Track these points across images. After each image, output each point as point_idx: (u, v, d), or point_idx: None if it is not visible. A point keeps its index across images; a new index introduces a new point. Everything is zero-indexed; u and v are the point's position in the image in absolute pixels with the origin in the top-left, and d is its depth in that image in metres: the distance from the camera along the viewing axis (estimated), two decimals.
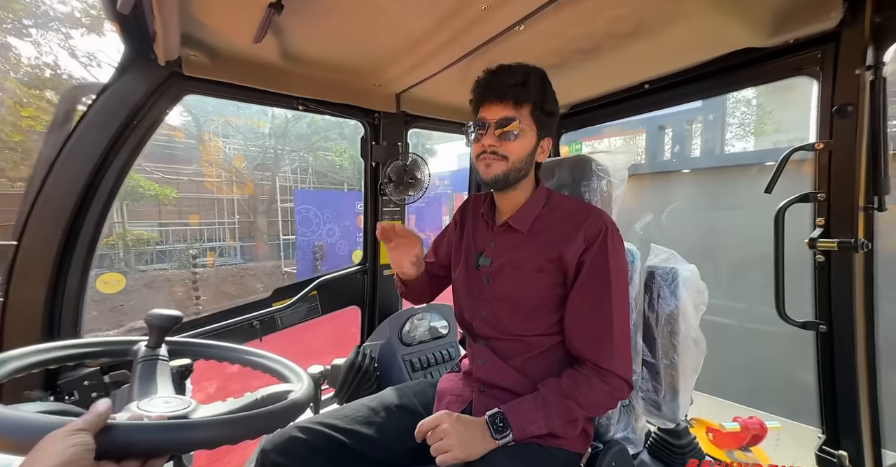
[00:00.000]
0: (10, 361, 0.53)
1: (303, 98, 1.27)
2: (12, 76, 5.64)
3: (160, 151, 10.79)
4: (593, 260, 0.76)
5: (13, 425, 0.40)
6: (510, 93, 0.75)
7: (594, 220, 0.78)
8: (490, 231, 0.89)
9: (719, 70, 1.06)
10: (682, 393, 0.85)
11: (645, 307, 0.89)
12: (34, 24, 6.51)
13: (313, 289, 1.55)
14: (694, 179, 4.86)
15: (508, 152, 0.77)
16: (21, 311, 0.91)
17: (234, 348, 0.76)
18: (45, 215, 0.92)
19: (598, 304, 0.75)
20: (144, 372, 0.62)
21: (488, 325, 0.85)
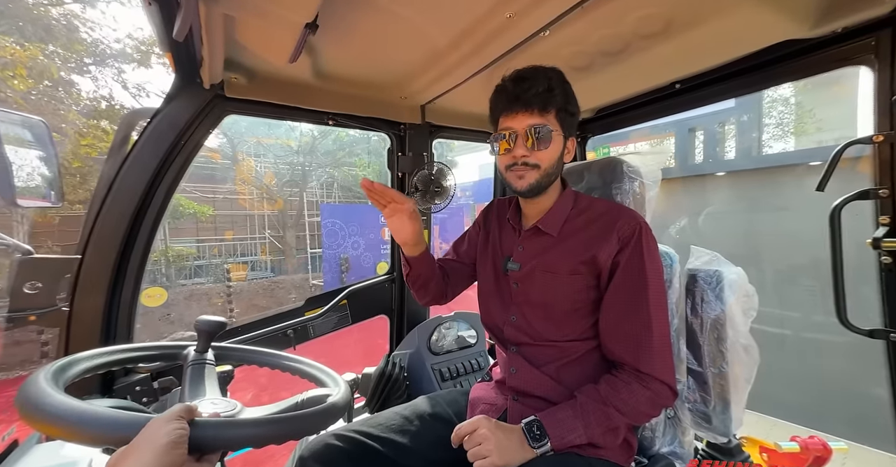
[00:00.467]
0: (81, 362, 0.57)
1: (332, 113, 1.33)
2: (73, 109, 6.24)
3: (198, 171, 11.50)
4: (628, 260, 0.74)
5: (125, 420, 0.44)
6: (536, 100, 0.75)
7: (627, 220, 0.76)
8: (517, 235, 0.89)
9: (757, 65, 1.01)
10: (734, 404, 0.79)
11: (687, 312, 0.85)
12: (93, 62, 7.20)
13: (343, 299, 1.59)
14: (730, 182, 4.63)
15: (540, 160, 0.77)
16: (83, 319, 0.98)
17: (274, 354, 0.79)
18: (104, 232, 1.00)
19: (636, 305, 0.72)
20: (194, 375, 0.65)
21: (519, 330, 0.84)
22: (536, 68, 0.77)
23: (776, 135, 6.46)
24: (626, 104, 1.36)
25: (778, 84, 1.10)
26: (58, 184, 1.01)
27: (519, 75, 0.77)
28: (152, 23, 0.74)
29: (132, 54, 7.84)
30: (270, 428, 0.49)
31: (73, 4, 6.99)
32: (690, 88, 1.17)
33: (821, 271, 0.82)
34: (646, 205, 0.93)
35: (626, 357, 0.72)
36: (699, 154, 5.16)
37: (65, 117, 5.86)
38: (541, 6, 0.79)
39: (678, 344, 0.82)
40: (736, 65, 1.04)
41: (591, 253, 0.76)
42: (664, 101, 1.27)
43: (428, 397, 0.97)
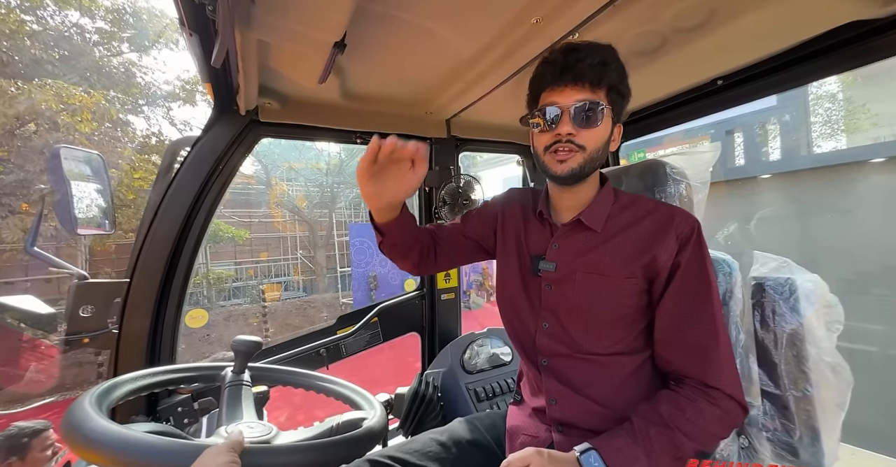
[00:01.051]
0: (125, 384, 0.58)
1: (359, 132, 1.36)
2: (129, 146, 6.87)
3: (236, 197, 12.22)
4: (689, 261, 0.66)
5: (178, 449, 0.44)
6: (590, 73, 0.65)
7: (684, 217, 0.69)
8: (549, 231, 0.79)
9: (811, 53, 0.91)
10: (825, 434, 0.67)
11: (756, 326, 0.75)
12: (146, 102, 7.96)
13: (374, 316, 1.57)
14: (777, 184, 4.32)
15: (587, 141, 0.67)
16: (131, 341, 1.02)
17: (310, 375, 0.77)
18: (150, 256, 1.05)
19: (700, 311, 0.64)
20: (231, 398, 0.64)
21: (553, 339, 0.75)
22: (590, 42, 0.68)
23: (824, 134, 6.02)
24: (662, 105, 1.29)
25: (837, 73, 1.00)
26: (111, 213, 1.08)
27: (571, 46, 0.67)
28: (193, 54, 0.79)
29: (179, 93, 8.60)
30: (312, 454, 0.47)
31: (131, 53, 7.82)
32: (734, 84, 1.08)
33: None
34: (694, 208, 0.86)
35: (691, 369, 0.63)
36: (739, 156, 4.88)
37: (121, 154, 6.46)
38: (570, 8, 0.76)
39: (747, 362, 0.72)
40: (789, 54, 0.94)
41: (650, 253, 0.67)
42: (704, 100, 1.18)
43: (465, 421, 0.91)
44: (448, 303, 1.68)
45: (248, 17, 0.63)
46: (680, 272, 0.66)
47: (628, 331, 0.70)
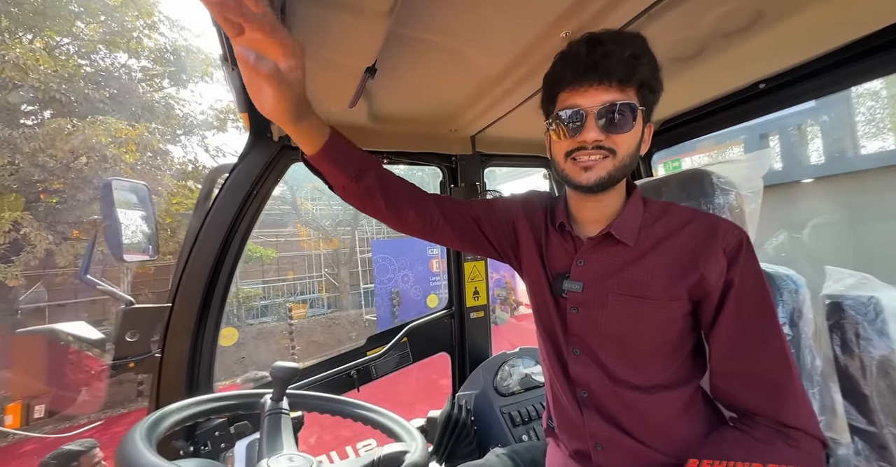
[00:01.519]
0: (172, 415, 0.58)
1: (386, 152, 1.38)
2: (168, 173, 7.34)
3: (263, 218, 12.69)
4: (744, 278, 0.58)
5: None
6: (619, 69, 0.56)
7: (729, 228, 0.61)
8: (572, 245, 0.69)
9: (860, 54, 0.85)
10: None
11: (835, 350, 0.67)
12: (183, 132, 8.52)
13: (404, 336, 1.55)
14: (823, 188, 4.05)
15: (617, 145, 0.59)
16: (172, 364, 1.04)
17: (348, 402, 0.75)
18: (190, 280, 1.08)
19: (765, 336, 0.56)
20: (271, 427, 0.63)
21: (587, 369, 0.66)
22: (616, 32, 0.59)
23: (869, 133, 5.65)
24: (699, 112, 1.23)
25: (887, 74, 0.92)
26: (154, 239, 1.12)
27: (594, 37, 0.58)
28: (232, 86, 0.82)
29: (212, 122, 9.17)
30: None
31: (170, 88, 8.45)
32: (778, 87, 1.02)
33: None
34: (746, 220, 0.80)
35: (762, 405, 0.55)
36: (776, 160, 4.64)
37: (161, 181, 6.89)
38: (601, 21, 0.73)
39: (828, 392, 0.64)
40: (837, 54, 0.87)
41: (697, 271, 0.59)
42: (745, 105, 1.11)
43: (504, 454, 0.85)
44: (477, 321, 1.64)
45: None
46: (734, 291, 0.58)
47: (671, 359, 0.63)
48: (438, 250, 10.00)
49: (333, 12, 0.59)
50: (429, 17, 0.71)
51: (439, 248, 10.20)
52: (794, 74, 0.97)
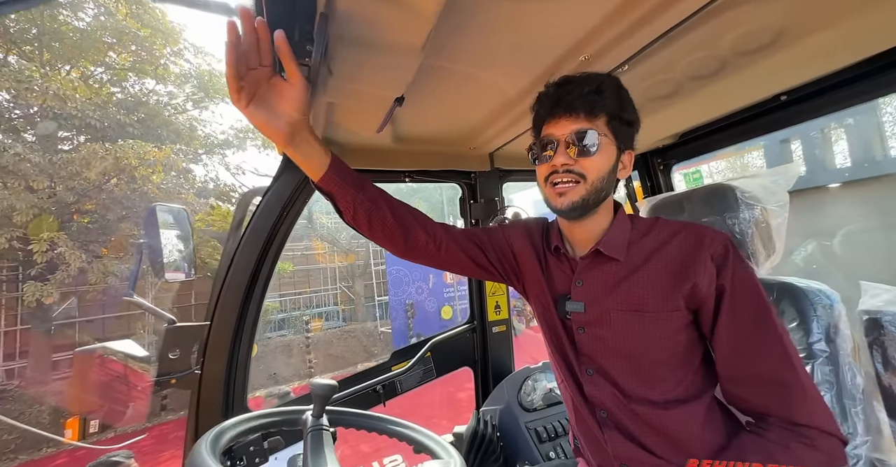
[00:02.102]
0: (229, 430, 0.62)
1: (408, 171, 1.43)
2: (190, 192, 7.65)
3: None
4: (735, 282, 0.60)
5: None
6: (581, 104, 0.64)
7: (714, 236, 0.64)
8: (569, 267, 0.73)
9: (883, 66, 0.85)
10: None
11: (877, 368, 0.66)
12: (204, 151, 8.89)
13: (427, 351, 1.56)
14: (852, 193, 3.91)
15: (586, 170, 0.64)
16: (211, 381, 1.08)
17: (385, 419, 0.77)
18: (227, 299, 1.13)
19: (764, 335, 0.57)
20: (314, 444, 0.66)
21: (601, 389, 0.67)
22: (587, 73, 0.69)
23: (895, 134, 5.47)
24: (719, 124, 1.22)
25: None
26: (192, 260, 1.19)
27: (565, 79, 0.68)
28: None
29: (232, 141, 9.55)
30: None
31: (193, 110, 8.86)
32: (800, 99, 1.01)
33: None
34: (773, 233, 0.80)
35: (773, 406, 0.56)
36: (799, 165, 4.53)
37: (185, 200, 7.17)
38: (619, 44, 0.76)
39: (872, 410, 0.63)
40: (859, 67, 0.87)
41: (689, 280, 0.62)
42: (765, 117, 1.11)
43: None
44: (500, 335, 1.65)
45: (325, 85, 0.71)
46: (727, 297, 0.60)
47: (683, 371, 0.64)
48: None
49: (371, 52, 0.64)
50: (454, 47, 0.76)
51: None
52: (815, 87, 0.97)
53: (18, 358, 7.37)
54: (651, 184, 1.49)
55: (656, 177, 1.47)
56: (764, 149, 4.60)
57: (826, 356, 0.66)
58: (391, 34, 0.58)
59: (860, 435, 0.62)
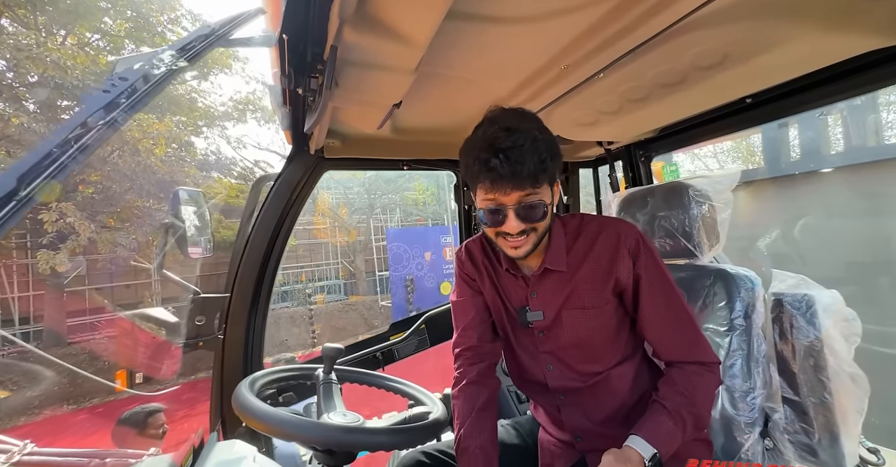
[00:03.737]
0: (260, 379, 0.78)
1: (406, 160, 1.53)
2: (192, 164, 7.70)
3: None
4: (647, 269, 0.75)
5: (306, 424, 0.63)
6: (527, 178, 0.65)
7: (627, 232, 0.76)
8: (522, 282, 0.81)
9: (844, 73, 0.94)
10: (844, 438, 0.73)
11: (776, 338, 0.82)
12: (204, 124, 8.83)
13: (422, 324, 1.74)
14: (842, 179, 3.98)
15: (536, 226, 0.70)
16: (232, 344, 1.25)
17: (383, 376, 0.94)
18: (244, 274, 1.28)
19: (674, 308, 0.75)
20: (325, 392, 0.82)
21: (563, 378, 0.80)
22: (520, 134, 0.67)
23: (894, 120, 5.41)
24: (693, 122, 1.32)
25: (871, 91, 1.01)
26: (210, 238, 1.32)
27: (506, 145, 0.65)
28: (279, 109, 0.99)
29: (232, 113, 9.45)
30: (399, 436, 0.63)
31: (193, 81, 8.71)
32: (764, 102, 1.12)
33: None
34: (718, 227, 0.93)
35: (686, 356, 0.74)
36: (795, 149, 4.55)
37: (188, 173, 7.23)
38: (595, 56, 0.86)
39: (769, 371, 0.79)
40: (817, 75, 0.96)
41: (613, 276, 0.75)
42: (735, 116, 1.21)
43: (509, 425, 1.01)
44: None
45: (332, 94, 0.81)
46: (644, 281, 0.75)
47: (619, 343, 0.79)
48: (451, 239, 10.18)
49: (371, 72, 0.74)
50: (449, 58, 0.85)
51: (452, 236, 10.37)
52: (779, 90, 1.06)
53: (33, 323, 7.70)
54: (633, 174, 1.59)
55: (638, 169, 1.58)
56: (762, 132, 4.64)
57: (742, 329, 0.82)
58: (389, 60, 0.69)
59: (758, 388, 0.79)
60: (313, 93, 0.75)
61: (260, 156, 14.96)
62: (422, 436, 0.67)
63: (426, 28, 0.61)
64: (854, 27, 0.75)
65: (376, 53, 0.67)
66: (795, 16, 0.70)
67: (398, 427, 0.65)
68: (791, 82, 1.02)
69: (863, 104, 4.25)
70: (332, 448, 0.62)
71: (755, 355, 0.79)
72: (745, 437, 0.79)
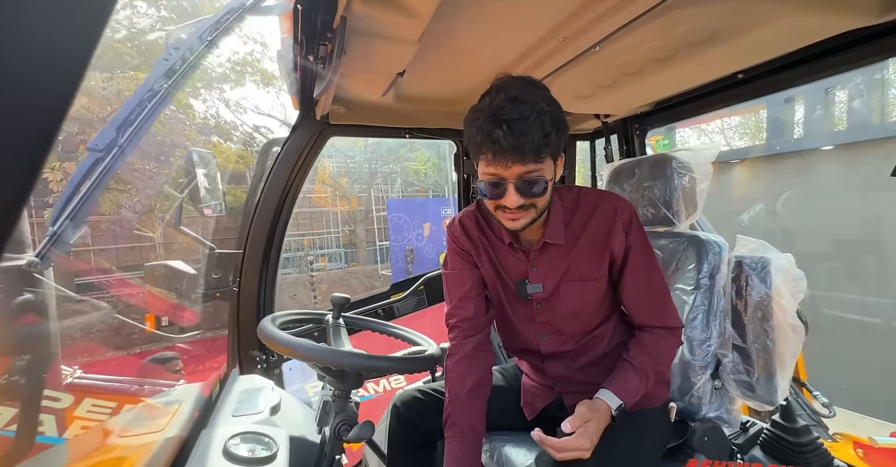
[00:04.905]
0: (279, 318, 0.89)
1: (409, 128, 1.58)
2: (192, 128, 7.59)
3: None
4: (635, 241, 0.80)
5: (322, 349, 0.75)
6: (529, 152, 0.65)
7: (622, 206, 0.80)
8: (523, 255, 0.84)
9: (830, 49, 0.97)
10: (779, 376, 0.86)
11: (733, 295, 0.93)
12: (202, 85, 8.59)
13: (421, 285, 1.86)
14: (841, 157, 4.00)
15: (536, 202, 0.71)
16: (247, 295, 1.37)
17: (384, 323, 1.06)
18: (256, 232, 1.37)
19: (652, 279, 0.81)
20: (335, 334, 0.94)
21: (555, 344, 0.87)
22: (526, 105, 0.65)
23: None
24: (687, 96, 1.35)
25: (859, 67, 1.05)
26: (222, 198, 1.40)
27: (511, 116, 0.65)
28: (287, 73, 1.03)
29: (230, 75, 9.15)
30: (401, 363, 0.75)
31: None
32: (755, 77, 1.15)
33: None
34: (696, 197, 1.01)
35: (657, 321, 0.81)
36: (800, 127, 4.50)
37: (188, 136, 7.15)
38: (591, 29, 0.90)
39: (724, 323, 0.91)
40: (805, 51, 0.99)
41: (608, 248, 0.80)
42: (728, 91, 1.24)
43: (496, 370, 1.11)
44: None
45: (339, 61, 0.86)
46: (632, 253, 0.80)
47: (605, 307, 0.86)
48: (452, 210, 10.24)
49: (376, 41, 0.78)
50: (451, 29, 0.89)
51: (453, 208, 10.42)
52: (769, 66, 1.09)
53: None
54: (627, 147, 1.64)
55: (632, 142, 1.62)
56: (767, 108, 4.58)
57: (707, 287, 0.92)
58: (393, 30, 0.73)
59: (713, 338, 0.90)
60: (322, 60, 0.80)
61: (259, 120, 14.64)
62: (418, 365, 0.79)
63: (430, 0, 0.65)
64: (838, 6, 0.78)
65: (382, 24, 0.71)
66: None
67: (398, 356, 0.77)
68: (781, 58, 1.05)
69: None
70: (344, 369, 0.74)
71: (714, 310, 0.90)
72: (697, 378, 0.92)
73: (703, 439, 0.86)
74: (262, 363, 1.42)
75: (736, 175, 4.54)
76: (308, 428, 0.94)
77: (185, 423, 0.76)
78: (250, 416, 0.83)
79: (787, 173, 4.28)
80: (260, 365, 1.41)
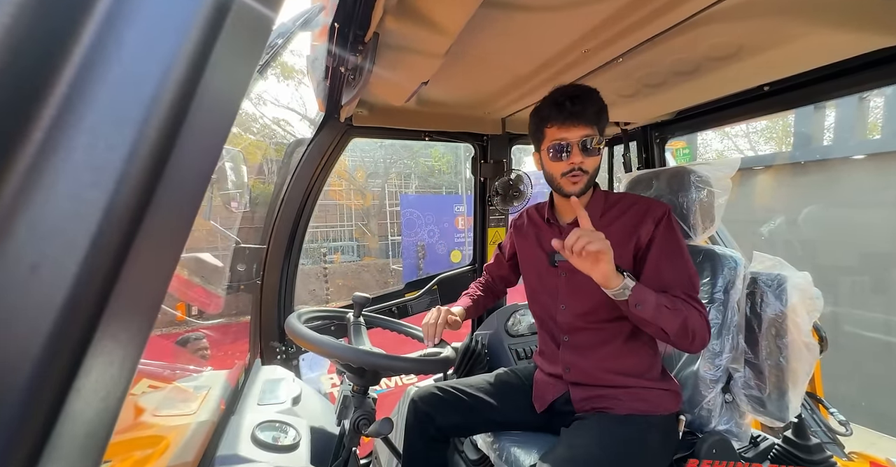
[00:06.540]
0: (304, 314, 0.94)
1: (428, 131, 1.61)
2: None
3: None
4: (663, 233, 0.86)
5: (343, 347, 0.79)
6: (592, 117, 0.86)
7: (658, 206, 0.89)
8: (558, 231, 0.98)
9: (857, 67, 0.96)
10: (791, 393, 0.86)
11: (747, 311, 0.93)
12: None
13: (435, 285, 1.90)
14: (877, 166, 3.83)
15: (589, 168, 0.88)
16: (269, 288, 1.43)
17: (401, 323, 1.10)
18: (280, 229, 1.43)
19: (675, 261, 0.84)
20: (355, 332, 0.99)
21: (570, 316, 0.94)
22: (585, 89, 0.88)
23: None
24: (710, 106, 1.35)
25: (889, 84, 1.03)
26: (247, 195, 1.46)
27: (574, 93, 0.87)
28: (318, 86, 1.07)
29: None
30: (417, 364, 0.79)
31: None
32: (782, 90, 1.14)
33: None
34: (714, 211, 1.01)
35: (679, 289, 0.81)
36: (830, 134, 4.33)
37: None
38: (614, 43, 0.91)
39: (737, 338, 0.91)
40: (836, 66, 0.98)
41: (636, 235, 0.87)
42: (752, 103, 1.23)
43: (509, 370, 1.18)
44: None
45: (369, 73, 0.89)
46: (656, 242, 0.86)
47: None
48: (465, 208, 10.25)
49: (406, 53, 0.81)
50: (476, 41, 0.91)
51: (465, 206, 10.43)
52: (797, 80, 1.08)
53: None
54: (646, 155, 1.64)
55: (651, 150, 1.62)
56: (796, 114, 4.42)
57: (721, 301, 0.93)
58: (422, 45, 0.76)
59: (726, 352, 0.91)
60: (353, 71, 0.83)
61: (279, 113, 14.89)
62: (434, 367, 0.83)
63: (459, 17, 0.68)
64: (869, 24, 0.77)
65: (412, 39, 0.74)
66: (809, 12, 0.73)
67: (415, 357, 0.81)
68: (807, 74, 1.04)
69: None
70: (363, 366, 0.78)
71: (728, 324, 0.90)
72: (708, 391, 0.93)
73: (711, 451, 0.87)
74: (282, 354, 1.48)
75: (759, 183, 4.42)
76: (326, 419, 0.99)
77: (214, 409, 0.82)
78: (274, 405, 0.89)
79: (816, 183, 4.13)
80: (279, 356, 1.47)
